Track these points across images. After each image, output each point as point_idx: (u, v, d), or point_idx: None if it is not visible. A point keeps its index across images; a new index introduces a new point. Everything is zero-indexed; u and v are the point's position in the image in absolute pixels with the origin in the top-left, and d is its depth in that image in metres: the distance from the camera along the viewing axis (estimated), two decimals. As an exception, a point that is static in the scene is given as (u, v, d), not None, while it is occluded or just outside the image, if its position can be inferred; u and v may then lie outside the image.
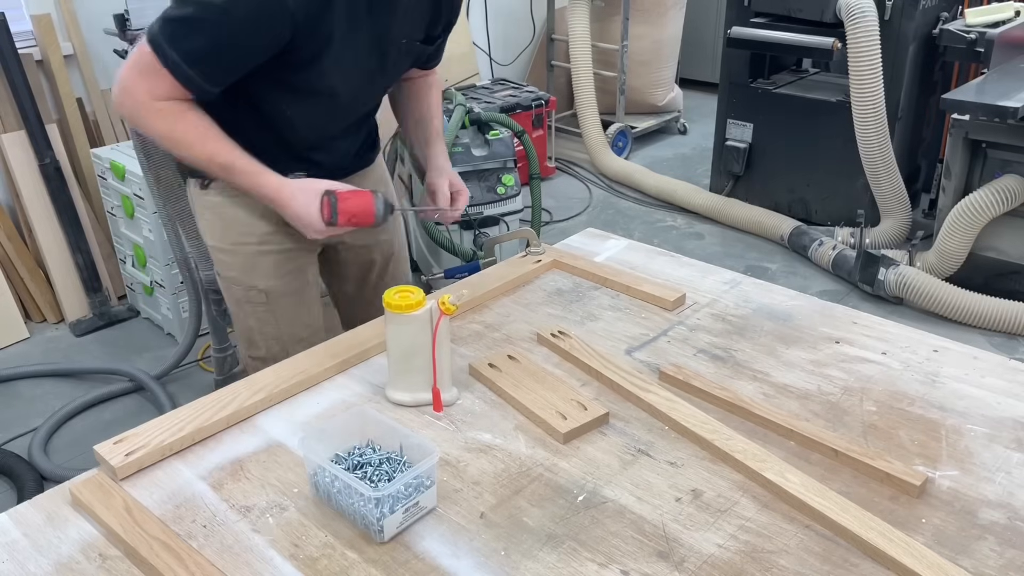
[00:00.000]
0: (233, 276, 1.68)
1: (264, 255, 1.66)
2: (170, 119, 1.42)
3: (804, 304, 1.58)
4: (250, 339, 1.73)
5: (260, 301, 1.68)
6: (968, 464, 1.16)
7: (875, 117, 3.57)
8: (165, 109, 1.41)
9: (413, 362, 1.28)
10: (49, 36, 3.30)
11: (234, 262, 1.67)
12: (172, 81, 1.37)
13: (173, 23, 1.35)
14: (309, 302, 1.75)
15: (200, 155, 1.46)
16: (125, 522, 1.06)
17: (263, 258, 1.66)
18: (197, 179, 1.64)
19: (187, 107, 1.42)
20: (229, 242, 1.66)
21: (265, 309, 1.69)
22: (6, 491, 2.54)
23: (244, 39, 1.36)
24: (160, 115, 1.42)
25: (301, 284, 1.72)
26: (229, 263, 1.67)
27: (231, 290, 1.70)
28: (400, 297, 1.25)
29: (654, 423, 1.25)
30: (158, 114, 1.41)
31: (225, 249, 1.67)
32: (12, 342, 3.30)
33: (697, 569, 1.00)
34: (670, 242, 4.01)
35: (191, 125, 1.43)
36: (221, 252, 1.68)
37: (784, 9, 3.80)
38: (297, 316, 1.72)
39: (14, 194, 3.33)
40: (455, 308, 1.25)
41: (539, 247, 1.76)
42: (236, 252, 1.66)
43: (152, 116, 1.42)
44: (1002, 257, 3.34)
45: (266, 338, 1.71)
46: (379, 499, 1.01)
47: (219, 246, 1.67)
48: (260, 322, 1.70)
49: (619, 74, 4.95)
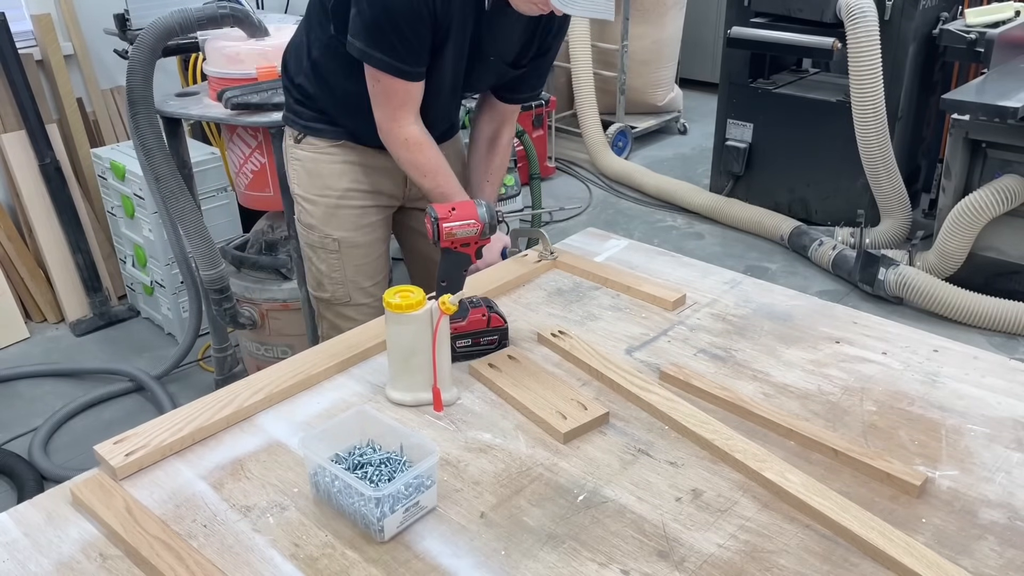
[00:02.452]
0: (312, 223, 1.85)
1: (342, 208, 1.83)
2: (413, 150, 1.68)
3: (804, 304, 1.58)
4: (318, 281, 1.90)
5: (333, 249, 1.85)
6: (968, 464, 1.16)
7: (875, 117, 3.57)
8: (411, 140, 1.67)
9: (413, 362, 1.28)
10: (49, 36, 3.30)
11: (315, 211, 1.84)
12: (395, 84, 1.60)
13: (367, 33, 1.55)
14: (377, 255, 1.91)
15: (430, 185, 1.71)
16: (126, 522, 1.06)
17: (341, 211, 1.83)
18: (293, 130, 1.84)
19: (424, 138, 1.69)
20: (313, 192, 1.83)
21: (336, 256, 1.86)
22: (6, 491, 2.54)
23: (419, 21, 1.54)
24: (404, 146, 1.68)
25: (373, 238, 1.88)
26: (311, 211, 1.85)
27: (308, 235, 1.88)
28: (400, 297, 1.25)
29: (654, 423, 1.25)
30: (403, 145, 1.68)
31: (308, 198, 1.84)
32: (12, 342, 3.30)
33: (697, 569, 1.00)
34: (670, 242, 4.01)
35: (427, 158, 1.70)
36: (305, 200, 1.85)
37: (784, 9, 3.80)
38: (364, 266, 1.88)
39: (14, 194, 3.33)
40: (455, 308, 1.25)
41: (551, 253, 1.75)
42: (318, 202, 1.83)
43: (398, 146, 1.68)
44: (1002, 257, 3.34)
45: (333, 282, 1.88)
46: (379, 499, 1.01)
47: (303, 195, 1.85)
48: (330, 267, 1.87)
49: (619, 74, 4.96)
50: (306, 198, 1.85)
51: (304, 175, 1.84)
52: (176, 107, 2.50)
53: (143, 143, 2.28)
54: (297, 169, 1.86)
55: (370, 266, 1.90)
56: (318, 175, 1.83)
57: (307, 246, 1.91)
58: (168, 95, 2.67)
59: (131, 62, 2.23)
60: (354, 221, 1.84)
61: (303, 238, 1.91)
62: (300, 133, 1.83)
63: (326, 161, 1.81)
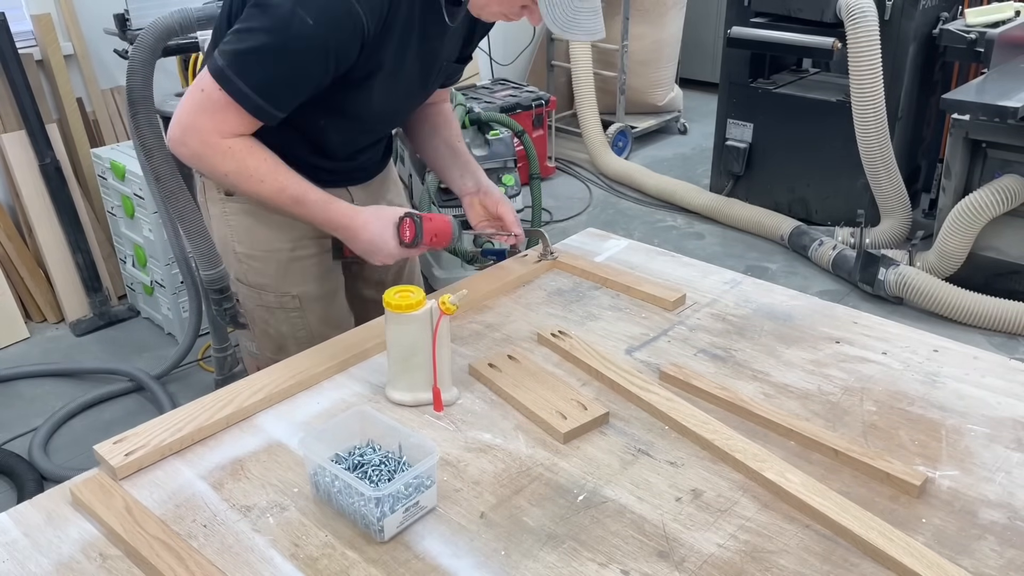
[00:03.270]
0: (266, 283, 1.63)
1: (298, 260, 1.62)
2: (240, 156, 1.40)
3: (804, 304, 1.58)
4: (280, 345, 1.68)
5: (294, 307, 1.65)
6: (968, 464, 1.16)
7: (875, 117, 3.57)
8: (235, 147, 1.39)
9: (413, 361, 1.27)
10: (49, 36, 3.30)
11: (267, 269, 1.62)
12: (241, 114, 1.36)
13: (241, 56, 1.33)
14: (339, 304, 1.74)
15: (271, 189, 1.43)
16: (125, 522, 1.06)
17: (297, 263, 1.63)
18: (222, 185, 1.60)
19: (253, 142, 1.41)
20: (260, 249, 1.61)
21: (299, 315, 1.66)
22: (6, 491, 2.54)
23: (315, 63, 1.34)
24: (229, 153, 1.40)
25: (333, 287, 1.71)
26: (261, 270, 1.63)
27: (262, 297, 1.65)
28: (400, 297, 1.25)
29: (654, 423, 1.25)
30: (227, 152, 1.39)
31: (256, 256, 1.62)
32: (12, 342, 3.30)
33: (697, 569, 1.00)
34: (670, 242, 4.01)
35: (261, 160, 1.42)
36: (251, 259, 1.62)
37: (784, 9, 3.80)
38: (329, 319, 1.69)
39: (14, 194, 3.33)
40: (455, 308, 1.25)
41: (551, 253, 1.74)
42: (268, 259, 1.62)
43: (220, 155, 1.40)
44: (1002, 257, 3.34)
45: (299, 342, 1.64)
46: (379, 499, 1.01)
47: (249, 253, 1.62)
48: (293, 327, 1.67)
49: (619, 74, 4.96)
50: (252, 255, 1.62)
51: (244, 232, 1.60)
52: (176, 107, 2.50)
53: (143, 143, 2.28)
54: (233, 225, 1.61)
55: (336, 314, 1.71)
56: (264, 225, 1.59)
57: (260, 308, 1.67)
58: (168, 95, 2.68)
59: (131, 62, 2.23)
60: (313, 271, 1.64)
61: (253, 301, 1.67)
62: None
63: (267, 213, 1.56)
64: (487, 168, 3.47)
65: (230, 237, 1.63)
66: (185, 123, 1.40)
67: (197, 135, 1.39)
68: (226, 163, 1.41)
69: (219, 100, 1.35)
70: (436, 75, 1.61)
